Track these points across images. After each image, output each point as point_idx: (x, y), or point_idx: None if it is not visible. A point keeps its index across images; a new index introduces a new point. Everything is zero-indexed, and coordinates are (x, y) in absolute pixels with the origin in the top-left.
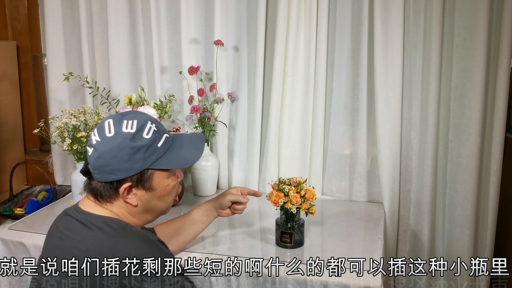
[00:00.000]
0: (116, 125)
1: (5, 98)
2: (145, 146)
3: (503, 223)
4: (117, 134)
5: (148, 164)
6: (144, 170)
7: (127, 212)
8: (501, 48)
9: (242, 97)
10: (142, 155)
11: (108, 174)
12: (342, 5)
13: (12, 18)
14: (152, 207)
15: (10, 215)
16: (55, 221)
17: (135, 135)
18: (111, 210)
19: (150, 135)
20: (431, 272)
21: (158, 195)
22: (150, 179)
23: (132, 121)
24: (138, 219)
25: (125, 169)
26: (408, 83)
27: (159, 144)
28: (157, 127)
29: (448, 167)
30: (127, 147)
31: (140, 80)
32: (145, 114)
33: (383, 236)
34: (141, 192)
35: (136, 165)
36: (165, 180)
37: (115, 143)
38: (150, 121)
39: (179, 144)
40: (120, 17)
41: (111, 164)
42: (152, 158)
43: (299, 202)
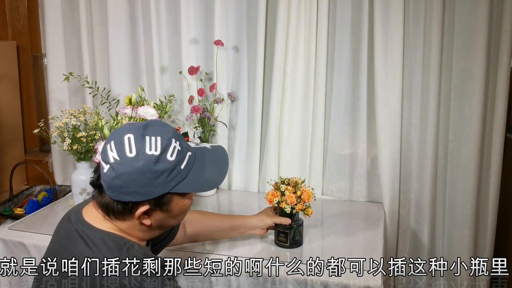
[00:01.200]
0: (138, 143)
1: (5, 98)
2: (168, 170)
3: (503, 223)
4: (139, 155)
5: (169, 188)
6: (164, 194)
7: (137, 229)
8: (501, 48)
9: (242, 97)
10: (165, 179)
11: (125, 195)
12: (342, 5)
13: (12, 18)
14: (164, 224)
15: (10, 215)
16: (61, 222)
17: (159, 157)
18: (118, 226)
19: (174, 156)
20: (431, 272)
21: (174, 215)
22: (169, 202)
23: (156, 138)
24: (146, 235)
25: (144, 193)
26: (408, 83)
27: (182, 165)
28: (181, 145)
29: (448, 167)
30: (149, 171)
31: (140, 80)
32: (168, 127)
33: (383, 236)
34: (157, 213)
35: (157, 189)
36: (183, 200)
37: (137, 166)
38: (174, 138)
39: (202, 164)
40: (120, 17)
41: (130, 186)
42: (175, 181)
43: (294, 202)
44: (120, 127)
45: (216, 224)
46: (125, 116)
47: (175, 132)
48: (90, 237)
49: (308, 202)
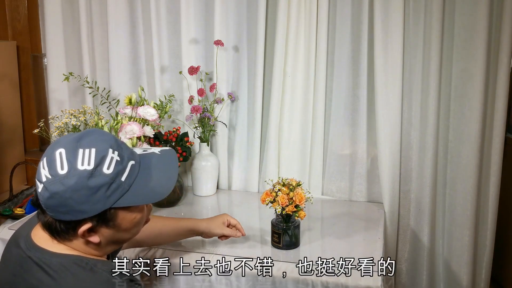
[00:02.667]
0: (70, 158)
1: (5, 98)
2: (106, 184)
3: (503, 223)
4: (70, 171)
5: (111, 204)
6: (106, 210)
7: (88, 247)
8: (501, 48)
9: (242, 97)
10: (103, 194)
11: (64, 214)
12: (342, 5)
13: (12, 18)
14: (117, 240)
15: (10, 215)
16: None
17: (93, 172)
18: (70, 246)
19: (111, 168)
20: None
21: (124, 229)
22: (113, 218)
23: (90, 150)
24: (100, 251)
25: (83, 211)
26: (408, 83)
27: (123, 177)
28: (121, 155)
29: (448, 167)
30: (84, 188)
31: (140, 80)
32: (106, 136)
33: (383, 236)
34: (104, 229)
35: (96, 206)
36: (131, 214)
37: (69, 184)
38: (112, 148)
39: (147, 173)
40: (120, 17)
41: (67, 205)
42: (116, 195)
43: (286, 204)
44: (56, 140)
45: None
46: (125, 116)
47: (116, 141)
48: (47, 263)
49: (300, 205)
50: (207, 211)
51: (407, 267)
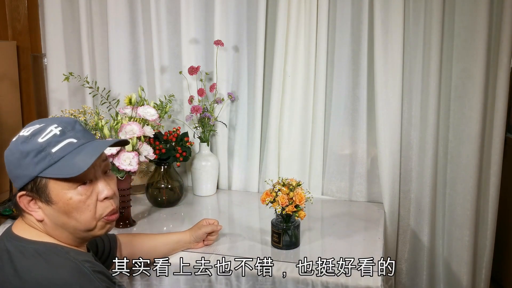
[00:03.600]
0: (24, 128)
1: (5, 98)
2: (34, 150)
3: (503, 223)
4: (16, 137)
5: (38, 171)
6: (37, 178)
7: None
8: (501, 48)
9: (242, 97)
10: (31, 160)
11: (13, 182)
12: (342, 5)
13: (12, 18)
14: (63, 224)
15: (10, 215)
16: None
17: (28, 138)
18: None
19: (45, 138)
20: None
21: (63, 210)
22: (45, 189)
23: (40, 125)
24: (61, 237)
25: (19, 176)
26: (408, 83)
27: (53, 149)
28: (62, 131)
29: (448, 167)
30: (17, 151)
31: (140, 80)
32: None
33: (383, 236)
34: (43, 205)
35: (26, 171)
36: (66, 192)
37: (10, 147)
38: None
39: (79, 151)
40: (120, 17)
41: (10, 171)
42: (43, 164)
43: (286, 204)
44: None
45: (149, 244)
46: (125, 116)
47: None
48: (22, 251)
49: (300, 205)
50: (207, 211)
51: (407, 267)
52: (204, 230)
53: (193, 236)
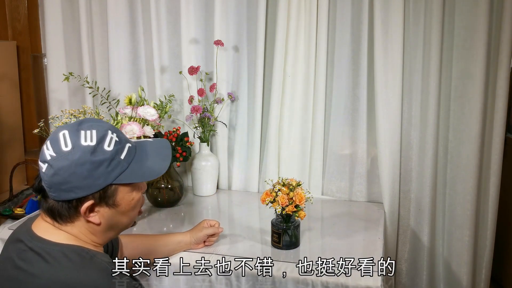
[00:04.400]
0: (73, 137)
1: (5, 98)
2: (107, 160)
3: (503, 223)
4: (75, 147)
5: (112, 179)
6: (107, 186)
7: (88, 231)
8: (501, 48)
9: (242, 97)
10: (104, 170)
11: (67, 193)
12: (342, 5)
13: (12, 18)
14: (115, 223)
15: (10, 215)
16: (6, 246)
17: (96, 148)
18: (70, 233)
19: (112, 146)
20: (431, 272)
21: (123, 211)
22: (114, 195)
23: (91, 131)
24: (100, 237)
25: (86, 186)
26: (408, 83)
27: (122, 155)
28: (119, 137)
29: (448, 167)
30: (87, 162)
31: (140, 80)
32: (104, 122)
33: (383, 236)
34: (104, 209)
35: (98, 181)
36: (130, 194)
37: (73, 158)
38: (111, 130)
39: (144, 154)
40: (120, 17)
41: (70, 181)
42: (116, 172)
43: (286, 204)
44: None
45: (150, 245)
46: (125, 116)
47: (112, 126)
48: (48, 252)
49: (300, 205)
50: (207, 211)
51: (407, 267)
52: (205, 232)
53: (193, 237)
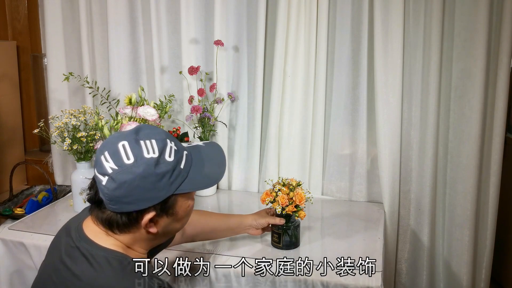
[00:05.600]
0: (135, 149)
1: (5, 98)
2: (170, 171)
3: (503, 223)
4: (137, 160)
5: (173, 190)
6: (169, 197)
7: (141, 240)
8: (501, 48)
9: (242, 97)
10: (167, 181)
11: (128, 205)
12: (342, 5)
13: (12, 18)
14: (170, 230)
15: (10, 215)
16: (60, 234)
17: (159, 159)
18: (121, 240)
19: (172, 157)
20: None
21: (179, 218)
22: (174, 204)
23: (150, 142)
24: (151, 244)
25: (149, 199)
26: (408, 83)
27: (182, 165)
28: (176, 145)
29: (448, 167)
30: (151, 175)
31: (140, 80)
32: (159, 129)
33: (383, 236)
34: (163, 219)
35: (161, 193)
36: (187, 201)
37: (138, 172)
38: (169, 139)
39: (200, 161)
40: (120, 17)
41: (133, 195)
42: (177, 182)
43: (286, 204)
44: (110, 137)
45: (212, 224)
46: (125, 116)
47: (167, 133)
48: (93, 256)
49: (300, 205)
50: None
51: (407, 267)
52: (268, 219)
53: (256, 221)
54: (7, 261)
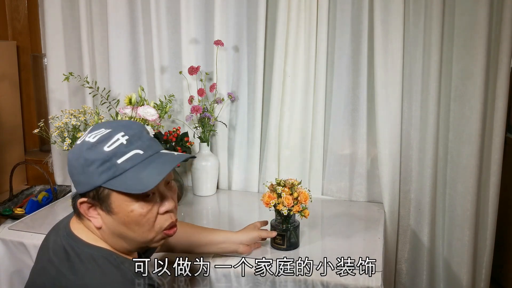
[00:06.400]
0: (89, 132)
1: (5, 98)
2: (99, 160)
3: (503, 223)
4: (80, 141)
5: (101, 181)
6: (99, 188)
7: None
8: (501, 48)
9: (242, 97)
10: (95, 170)
11: (75, 186)
12: (342, 5)
13: (12, 18)
14: (121, 233)
15: (10, 215)
16: (49, 234)
17: (94, 145)
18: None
19: (111, 148)
20: (431, 272)
21: (122, 221)
22: (107, 199)
23: (107, 130)
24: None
25: (82, 182)
26: (408, 83)
27: (119, 160)
28: (130, 141)
29: (448, 167)
30: (81, 158)
31: (140, 80)
32: (134, 125)
33: (383, 236)
34: (103, 213)
35: (90, 180)
36: (128, 204)
37: (73, 151)
38: (125, 134)
39: (146, 165)
40: (120, 17)
41: (72, 174)
42: (107, 175)
43: (291, 204)
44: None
45: (194, 238)
46: (125, 116)
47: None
48: (78, 253)
49: (305, 204)
50: (207, 211)
51: (407, 267)
52: (260, 233)
53: (247, 236)
54: (7, 261)
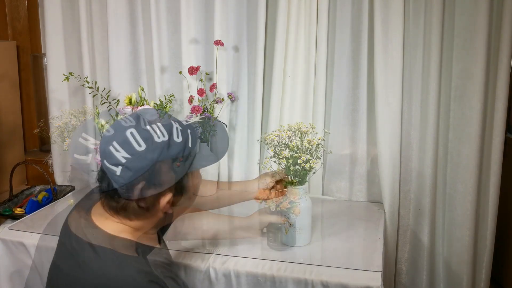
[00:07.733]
0: (144, 135)
1: (5, 98)
2: (181, 151)
3: (503, 223)
4: (150, 146)
5: (187, 168)
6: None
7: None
8: (501, 48)
9: (242, 97)
10: (181, 162)
11: (146, 191)
12: (342, 5)
13: (12, 18)
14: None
15: (10, 215)
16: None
17: (169, 142)
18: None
19: (180, 137)
20: (431, 272)
21: (189, 196)
22: (187, 182)
23: (157, 125)
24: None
25: (166, 182)
26: (408, 83)
27: (189, 143)
28: (180, 124)
29: (448, 167)
30: (166, 158)
31: (140, 80)
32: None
33: (383, 236)
34: (177, 197)
35: (177, 174)
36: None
37: (152, 157)
38: (172, 120)
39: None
40: (120, 17)
41: (150, 180)
42: (189, 160)
43: (280, 201)
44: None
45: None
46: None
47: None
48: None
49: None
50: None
51: (407, 267)
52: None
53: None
54: (7, 261)
